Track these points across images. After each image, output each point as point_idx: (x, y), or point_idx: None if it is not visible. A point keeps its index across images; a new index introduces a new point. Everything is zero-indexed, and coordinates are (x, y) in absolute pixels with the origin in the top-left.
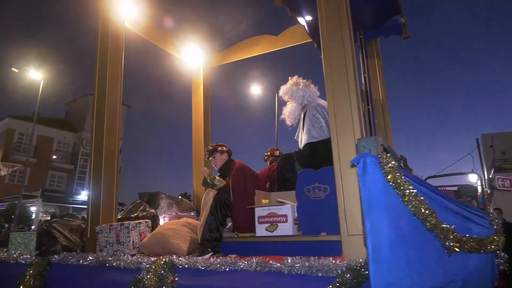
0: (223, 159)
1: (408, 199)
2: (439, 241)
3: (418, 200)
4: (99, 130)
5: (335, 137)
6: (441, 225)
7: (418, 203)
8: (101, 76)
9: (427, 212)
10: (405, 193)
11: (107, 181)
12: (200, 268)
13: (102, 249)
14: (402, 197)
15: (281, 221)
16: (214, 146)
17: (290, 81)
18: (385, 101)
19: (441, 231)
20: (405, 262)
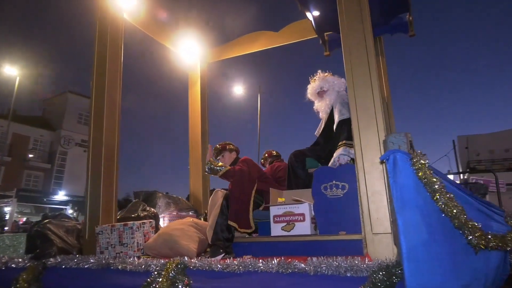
0: (231, 158)
1: (438, 196)
2: (464, 238)
3: (447, 197)
4: (98, 126)
5: (358, 134)
6: (468, 223)
7: (447, 200)
8: (99, 70)
9: (456, 210)
10: (435, 190)
11: (107, 179)
12: (216, 270)
13: (103, 251)
14: (432, 194)
15: (298, 220)
16: (222, 145)
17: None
18: (389, 100)
19: (468, 229)
20: (438, 260)
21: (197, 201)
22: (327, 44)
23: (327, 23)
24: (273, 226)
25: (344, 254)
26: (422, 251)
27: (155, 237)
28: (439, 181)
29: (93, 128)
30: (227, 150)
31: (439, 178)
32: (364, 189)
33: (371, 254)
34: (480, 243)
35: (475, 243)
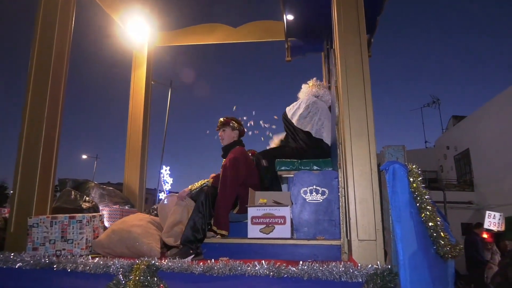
0: (231, 137)
1: (424, 207)
2: (434, 248)
3: (430, 210)
4: (39, 94)
5: (349, 142)
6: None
7: (430, 213)
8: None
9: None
10: (422, 202)
11: (45, 161)
12: (196, 273)
13: (36, 247)
14: (420, 205)
15: (278, 222)
16: (227, 119)
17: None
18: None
19: (443, 240)
20: (424, 268)
21: (132, 194)
22: (289, 50)
23: (297, 29)
24: (251, 228)
25: (320, 260)
26: (415, 259)
27: (108, 233)
28: (426, 194)
29: (31, 100)
30: (229, 126)
31: (426, 191)
32: (352, 196)
33: (356, 261)
34: (450, 253)
35: (447, 253)
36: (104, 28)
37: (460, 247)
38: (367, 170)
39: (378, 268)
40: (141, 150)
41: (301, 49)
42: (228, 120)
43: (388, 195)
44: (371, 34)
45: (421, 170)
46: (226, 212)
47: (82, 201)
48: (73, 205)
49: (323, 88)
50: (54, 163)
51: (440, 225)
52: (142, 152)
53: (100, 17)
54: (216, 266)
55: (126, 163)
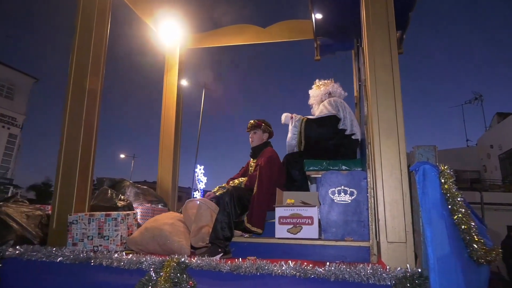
0: (262, 139)
1: (456, 210)
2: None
3: (464, 212)
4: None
5: (378, 143)
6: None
7: (464, 215)
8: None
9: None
10: (455, 204)
11: (83, 161)
12: (224, 272)
13: (76, 243)
14: (453, 207)
15: (306, 223)
16: (259, 121)
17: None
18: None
19: (477, 244)
20: (456, 273)
21: (165, 193)
22: (318, 48)
23: (326, 28)
24: (278, 228)
25: (348, 261)
26: (446, 263)
27: (141, 230)
28: (459, 195)
29: (70, 102)
30: (261, 128)
31: (459, 192)
32: (381, 197)
33: (385, 263)
34: (484, 258)
35: (480, 258)
36: (137, 32)
37: (496, 252)
38: (397, 171)
39: (408, 271)
40: (174, 150)
41: (330, 47)
42: (260, 122)
43: (418, 196)
44: (403, 31)
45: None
46: (262, 211)
47: (117, 200)
48: (109, 203)
49: (330, 83)
50: (92, 164)
51: (474, 228)
52: (175, 152)
53: (134, 22)
54: (243, 265)
55: (159, 163)
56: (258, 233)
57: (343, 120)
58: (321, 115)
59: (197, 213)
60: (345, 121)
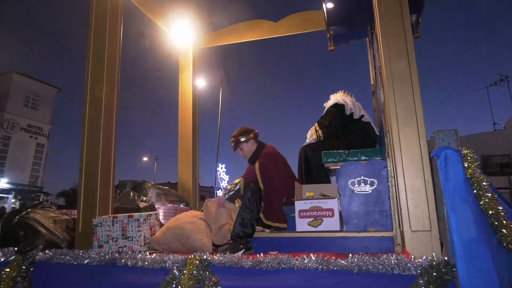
0: (251, 149)
1: (483, 194)
2: (496, 237)
3: (490, 197)
4: (95, 106)
5: (397, 129)
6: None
7: (490, 200)
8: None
9: (496, 210)
10: (481, 188)
11: (104, 165)
12: (246, 267)
13: (102, 245)
14: (478, 192)
15: (326, 215)
16: (235, 138)
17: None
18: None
19: (506, 229)
20: (485, 259)
21: (187, 193)
22: (332, 38)
23: (338, 17)
24: (299, 221)
25: (371, 252)
26: (473, 249)
27: (164, 230)
28: (485, 179)
29: (88, 108)
30: (241, 142)
31: (484, 176)
32: (402, 186)
33: (409, 252)
34: None
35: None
36: (150, 35)
37: None
38: (417, 158)
39: (434, 260)
40: (192, 150)
41: (344, 36)
42: (237, 138)
43: (441, 182)
44: (419, 13)
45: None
46: (277, 205)
47: (139, 201)
48: (131, 205)
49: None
50: (113, 168)
51: (503, 213)
52: (193, 152)
53: (146, 25)
54: (265, 260)
55: (179, 163)
56: (283, 228)
57: (351, 108)
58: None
59: (217, 212)
60: (354, 108)
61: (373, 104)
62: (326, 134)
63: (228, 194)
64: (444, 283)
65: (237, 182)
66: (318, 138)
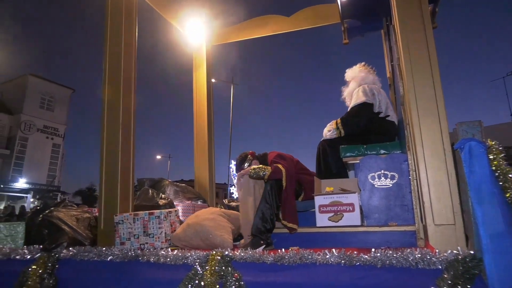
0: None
1: (507, 186)
2: None
3: None
4: (113, 105)
5: (417, 123)
6: None
7: None
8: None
9: None
10: (507, 180)
11: (124, 163)
12: (268, 263)
13: (124, 242)
14: (504, 184)
15: (347, 210)
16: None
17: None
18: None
19: None
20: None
21: (203, 190)
22: (346, 32)
23: (352, 9)
24: (319, 216)
25: (393, 246)
26: (500, 243)
27: (184, 227)
28: (511, 171)
29: (107, 109)
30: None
31: (510, 168)
32: (425, 179)
33: (433, 246)
34: None
35: None
36: (164, 34)
37: None
38: (440, 151)
39: (459, 254)
40: (208, 147)
41: (358, 29)
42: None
43: (465, 175)
44: (435, 3)
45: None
46: (293, 206)
47: (158, 198)
48: (151, 202)
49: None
50: (132, 166)
51: None
52: (209, 149)
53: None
54: (286, 255)
55: (195, 161)
56: (294, 229)
57: (379, 104)
58: (353, 104)
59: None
60: (380, 105)
61: (390, 97)
62: (347, 132)
63: (254, 171)
64: (471, 278)
65: (265, 168)
66: (339, 134)
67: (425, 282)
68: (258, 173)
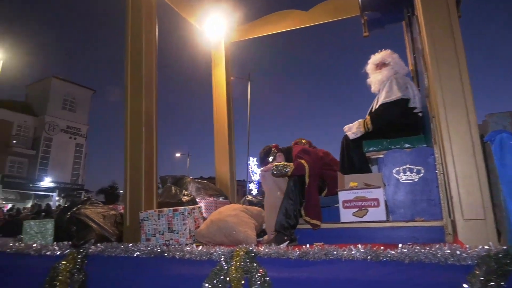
0: (282, 160)
1: None
2: None
3: None
4: (136, 105)
5: (444, 113)
6: None
7: None
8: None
9: None
10: None
11: (147, 162)
12: (292, 258)
13: (149, 238)
14: None
15: (371, 205)
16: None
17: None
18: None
19: None
20: None
21: (224, 186)
22: (366, 24)
23: (372, 1)
24: (343, 212)
25: (420, 242)
26: None
27: (207, 223)
28: None
29: (130, 109)
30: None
31: None
32: (452, 174)
33: (463, 242)
34: None
35: None
36: (182, 32)
37: None
38: (468, 143)
39: (491, 249)
40: (228, 144)
41: (379, 21)
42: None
43: (497, 168)
44: None
45: None
46: (317, 201)
47: (181, 195)
48: (174, 199)
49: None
50: (155, 164)
51: None
52: (230, 146)
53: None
54: (311, 251)
55: (216, 158)
56: (317, 225)
57: (413, 98)
58: (387, 100)
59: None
60: (415, 99)
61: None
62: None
63: (277, 168)
64: (505, 274)
65: (287, 165)
66: (366, 130)
67: (456, 278)
68: (281, 170)
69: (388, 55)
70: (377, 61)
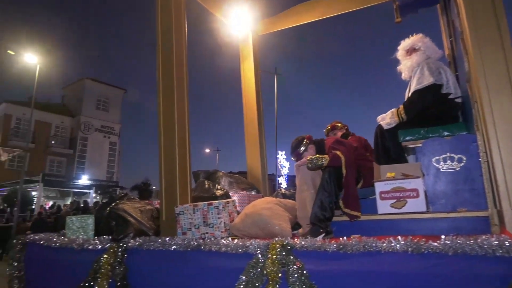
0: (314, 152)
1: None
2: None
3: None
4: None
5: (488, 101)
6: None
7: None
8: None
9: None
10: None
11: (181, 157)
12: (330, 251)
13: (185, 232)
14: None
15: (410, 196)
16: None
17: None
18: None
19: None
20: None
21: (256, 180)
22: (398, 9)
23: None
24: (380, 203)
25: (464, 233)
26: None
27: (242, 217)
28: None
29: (163, 106)
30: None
31: None
32: (498, 161)
33: (511, 232)
34: None
35: None
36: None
37: None
38: None
39: None
40: (259, 137)
41: (412, 6)
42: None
43: None
44: None
45: None
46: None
47: (215, 189)
48: (208, 194)
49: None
50: (188, 160)
51: None
52: (260, 139)
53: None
54: (349, 244)
55: (247, 152)
56: (357, 217)
57: (447, 83)
58: (419, 87)
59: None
60: (448, 84)
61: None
62: (409, 117)
63: (311, 161)
64: None
65: (322, 157)
66: (400, 120)
67: (505, 270)
68: (316, 163)
69: (419, 40)
70: (407, 46)
